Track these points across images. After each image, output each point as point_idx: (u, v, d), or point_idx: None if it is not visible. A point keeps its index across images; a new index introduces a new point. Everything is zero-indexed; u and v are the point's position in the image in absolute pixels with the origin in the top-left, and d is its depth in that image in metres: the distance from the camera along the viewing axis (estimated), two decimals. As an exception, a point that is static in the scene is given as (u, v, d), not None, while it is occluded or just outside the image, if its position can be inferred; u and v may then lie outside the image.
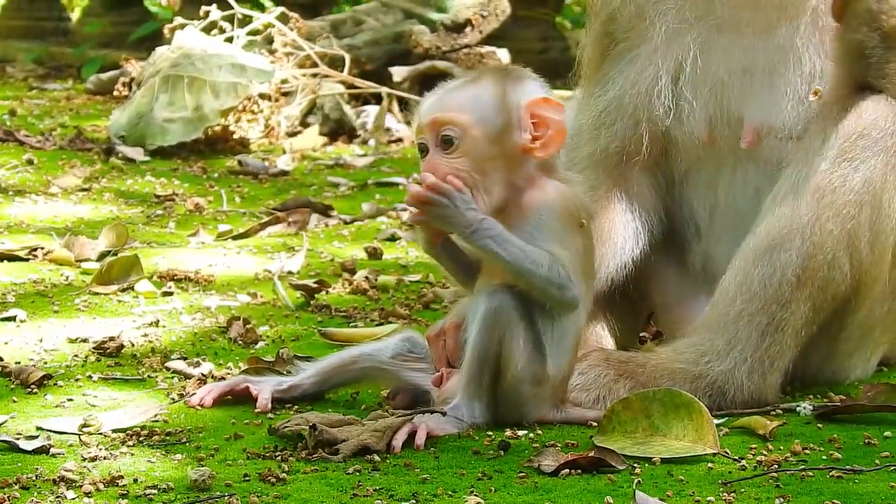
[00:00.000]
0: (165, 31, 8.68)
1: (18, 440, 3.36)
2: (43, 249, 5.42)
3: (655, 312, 4.15)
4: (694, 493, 3.09)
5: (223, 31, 8.47)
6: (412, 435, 3.38)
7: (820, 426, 3.60)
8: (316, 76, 8.60)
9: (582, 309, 3.55)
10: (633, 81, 4.03)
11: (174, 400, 3.76)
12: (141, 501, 3.03)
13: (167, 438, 3.44)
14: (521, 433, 3.48)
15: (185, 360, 4.08)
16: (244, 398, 3.72)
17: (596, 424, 3.49)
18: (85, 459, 3.27)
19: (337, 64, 8.74)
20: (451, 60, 9.21)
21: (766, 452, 3.36)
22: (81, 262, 5.33)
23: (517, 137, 3.52)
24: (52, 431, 3.47)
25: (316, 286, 4.96)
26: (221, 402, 3.71)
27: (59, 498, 3.02)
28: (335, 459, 3.27)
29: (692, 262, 4.14)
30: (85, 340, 4.28)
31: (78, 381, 3.91)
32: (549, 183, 3.55)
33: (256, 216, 6.32)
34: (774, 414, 3.69)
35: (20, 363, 4.00)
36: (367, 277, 5.13)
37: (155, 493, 3.06)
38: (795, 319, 3.74)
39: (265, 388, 3.71)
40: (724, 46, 3.95)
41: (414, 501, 3.03)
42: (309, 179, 7.37)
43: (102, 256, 5.33)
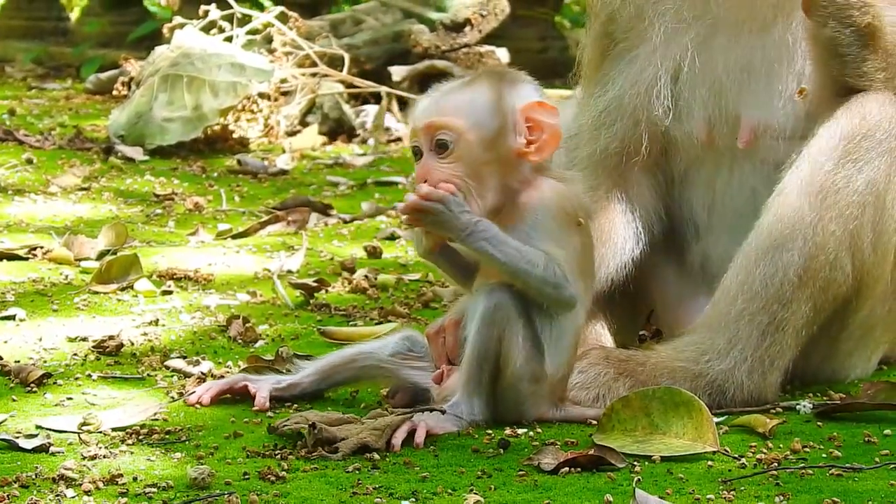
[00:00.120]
0: (164, 30, 8.68)
1: (18, 439, 3.36)
2: (42, 248, 5.42)
3: (655, 311, 4.15)
4: (694, 491, 3.09)
5: (222, 30, 8.46)
6: (412, 433, 3.38)
7: (820, 424, 3.60)
8: (315, 75, 8.60)
9: (580, 307, 3.55)
10: (632, 82, 4.03)
11: (174, 398, 3.75)
12: (140, 500, 3.03)
13: (167, 437, 3.44)
14: (520, 431, 3.48)
15: (184, 358, 4.08)
16: (243, 397, 3.72)
17: (596, 423, 3.49)
18: (84, 458, 3.26)
19: (336, 63, 8.74)
20: (450, 60, 9.20)
21: (765, 450, 3.36)
22: (81, 261, 5.33)
23: (512, 141, 3.52)
24: (51, 430, 3.47)
25: (315, 285, 4.96)
26: (220, 400, 3.71)
27: (58, 496, 3.02)
28: (335, 458, 3.27)
29: (691, 261, 4.14)
30: (84, 339, 4.28)
31: (77, 379, 3.91)
32: (544, 182, 3.55)
33: (256, 215, 6.31)
34: (774, 412, 3.69)
35: (20, 362, 4.00)
36: (366, 276, 5.13)
37: (154, 491, 3.06)
38: (796, 319, 3.74)
39: (263, 386, 3.71)
40: (721, 46, 3.95)
41: (413, 499, 3.03)
42: (308, 179, 7.36)
43: (102, 255, 5.32)
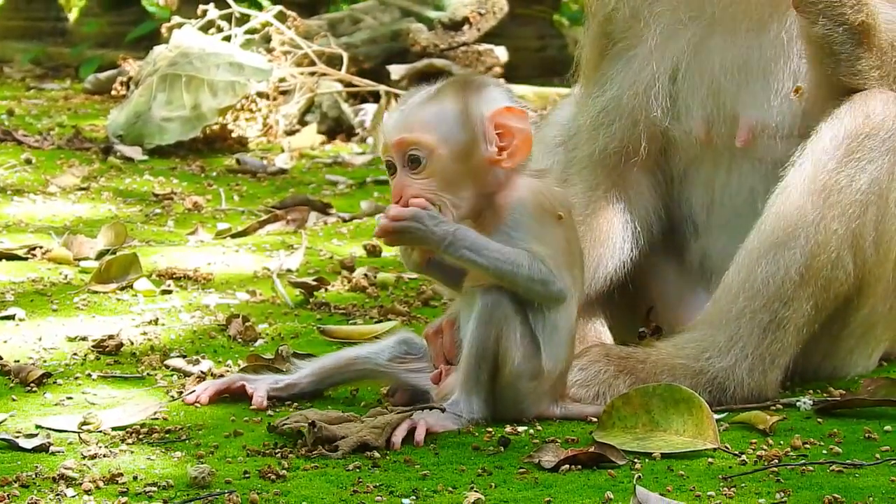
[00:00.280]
0: (163, 30, 8.67)
1: (18, 438, 3.36)
2: (42, 248, 5.41)
3: (654, 308, 4.15)
4: (694, 487, 3.09)
5: (221, 29, 8.46)
6: (412, 431, 3.38)
7: (820, 421, 3.60)
8: (314, 74, 8.60)
9: (572, 301, 3.54)
10: (630, 81, 4.03)
11: (173, 398, 3.75)
12: (141, 499, 3.02)
13: (167, 436, 3.44)
14: (520, 429, 3.48)
15: (184, 357, 4.08)
16: (241, 396, 3.72)
17: (596, 420, 3.49)
18: (84, 457, 3.26)
19: (335, 62, 8.74)
20: (448, 58, 9.20)
21: (766, 447, 3.36)
22: (80, 260, 5.32)
23: (483, 151, 3.51)
24: (51, 429, 3.46)
25: (315, 284, 4.96)
26: (220, 399, 3.71)
27: (58, 496, 3.02)
28: (335, 456, 3.27)
29: (690, 259, 4.14)
30: (84, 339, 4.28)
31: (77, 379, 3.91)
32: (520, 181, 3.54)
33: (255, 214, 6.31)
34: (774, 409, 3.69)
35: (19, 362, 4.00)
36: (365, 275, 5.13)
37: (155, 490, 3.06)
38: (798, 317, 3.74)
39: (261, 386, 3.71)
40: (718, 45, 3.95)
41: (414, 497, 3.03)
42: (307, 178, 7.36)
43: (101, 255, 5.32)
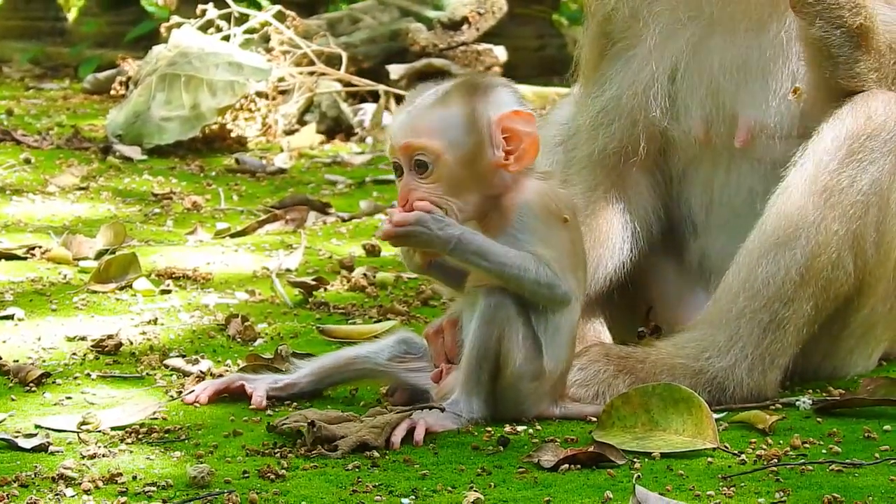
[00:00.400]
0: (162, 29, 8.66)
1: (17, 438, 3.36)
2: (41, 248, 5.41)
3: (654, 307, 4.15)
4: (694, 487, 3.09)
5: (220, 29, 8.46)
6: (411, 431, 3.37)
7: (819, 420, 3.60)
8: (313, 74, 8.60)
9: (575, 303, 3.54)
10: (629, 81, 4.03)
11: (173, 397, 3.75)
12: (140, 499, 3.02)
13: (166, 436, 3.44)
14: (520, 429, 3.48)
15: (183, 357, 4.08)
16: (240, 396, 3.71)
17: (595, 419, 3.49)
18: (84, 457, 3.26)
19: (334, 62, 8.74)
20: (448, 58, 9.20)
21: (765, 447, 3.36)
22: (79, 260, 5.32)
23: (490, 155, 3.50)
24: (50, 429, 3.46)
25: (314, 283, 4.96)
26: (219, 399, 3.71)
27: (58, 496, 3.01)
28: (334, 456, 3.27)
29: (689, 259, 4.13)
30: (83, 338, 4.27)
31: (76, 379, 3.91)
32: (526, 183, 3.54)
33: (254, 214, 6.31)
34: (774, 408, 3.69)
35: (18, 361, 4.00)
36: (365, 274, 5.13)
37: (154, 490, 3.06)
38: (798, 317, 3.74)
39: (260, 385, 3.71)
40: (717, 45, 3.94)
41: (413, 497, 3.03)
42: (306, 177, 7.36)
43: (100, 255, 5.32)
